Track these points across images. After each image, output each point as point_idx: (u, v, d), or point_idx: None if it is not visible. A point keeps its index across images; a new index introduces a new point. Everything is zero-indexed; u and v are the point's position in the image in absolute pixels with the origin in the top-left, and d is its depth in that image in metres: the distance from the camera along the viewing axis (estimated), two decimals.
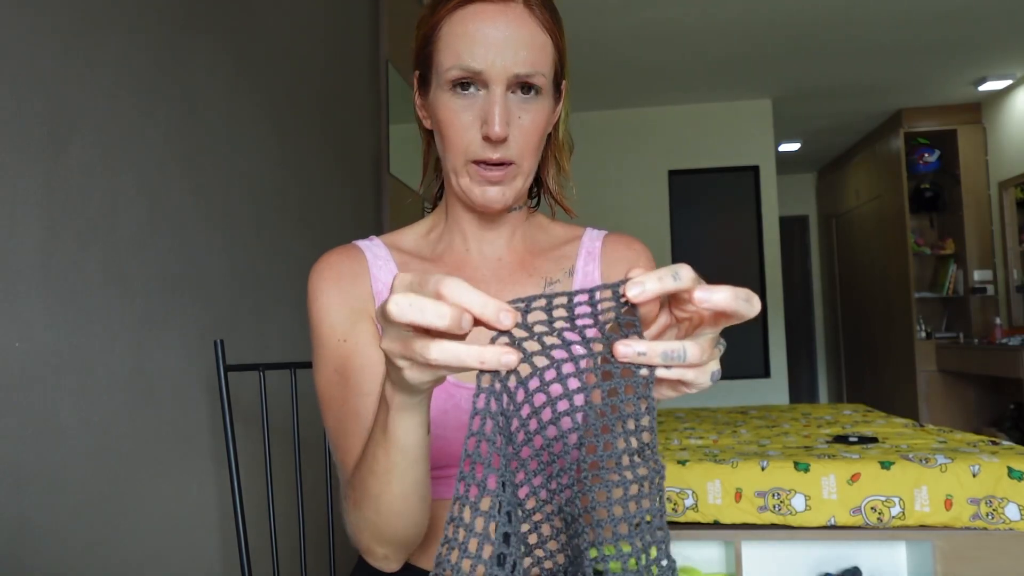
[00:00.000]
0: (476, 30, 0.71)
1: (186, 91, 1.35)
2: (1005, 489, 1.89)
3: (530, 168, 0.76)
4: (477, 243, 0.83)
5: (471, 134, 0.73)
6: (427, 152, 0.87)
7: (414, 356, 0.44)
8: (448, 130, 0.74)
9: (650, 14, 3.64)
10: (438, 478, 0.74)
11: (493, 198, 0.75)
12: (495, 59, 0.71)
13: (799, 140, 6.13)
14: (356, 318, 0.77)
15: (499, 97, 0.72)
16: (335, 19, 2.16)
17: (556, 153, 0.85)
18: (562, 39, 0.78)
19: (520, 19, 0.72)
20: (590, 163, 5.05)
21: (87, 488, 1.05)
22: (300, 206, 1.83)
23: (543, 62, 0.74)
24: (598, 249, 0.85)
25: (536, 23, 0.73)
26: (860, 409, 3.41)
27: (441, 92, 0.74)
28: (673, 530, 2.02)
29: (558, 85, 0.79)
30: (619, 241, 0.87)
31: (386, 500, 0.62)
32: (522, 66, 0.72)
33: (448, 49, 0.73)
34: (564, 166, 0.85)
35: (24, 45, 0.96)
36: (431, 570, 0.70)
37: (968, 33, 3.99)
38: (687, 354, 0.44)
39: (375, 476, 0.61)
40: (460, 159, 0.74)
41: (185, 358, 1.31)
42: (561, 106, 0.82)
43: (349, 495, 0.68)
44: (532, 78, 0.73)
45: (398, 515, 0.63)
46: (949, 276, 5.43)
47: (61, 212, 1.01)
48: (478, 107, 0.73)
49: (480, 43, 0.71)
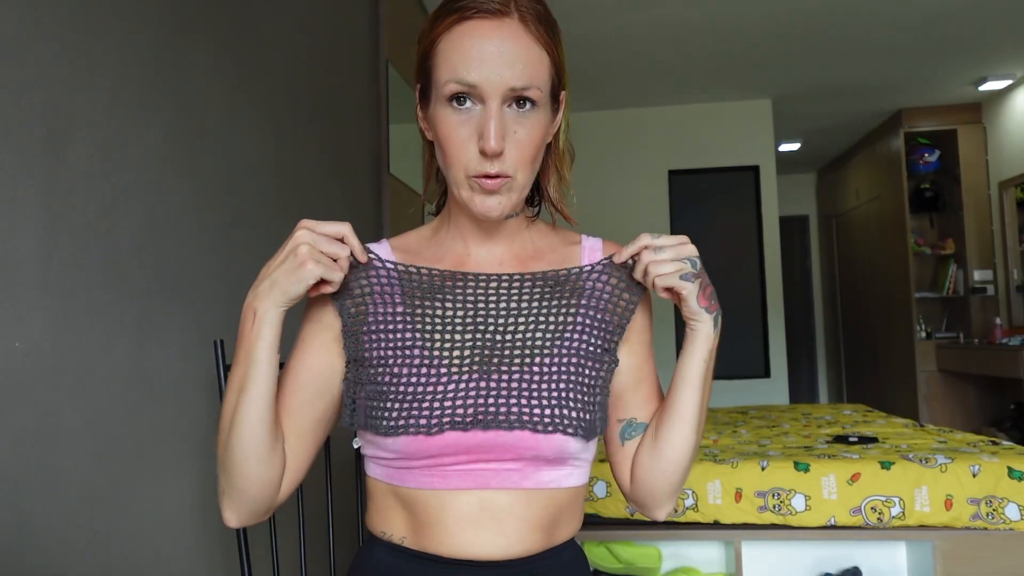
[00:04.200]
0: (472, 45, 0.74)
1: (186, 91, 1.35)
2: (1005, 489, 1.89)
3: (525, 180, 0.79)
4: (477, 248, 0.86)
5: (469, 148, 0.75)
6: (430, 163, 0.89)
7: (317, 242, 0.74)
8: (447, 145, 0.77)
9: (650, 14, 3.64)
10: (438, 467, 0.77)
11: (490, 207, 0.77)
12: (490, 74, 0.73)
13: (799, 140, 6.12)
14: (319, 328, 0.84)
15: (495, 112, 0.74)
16: (335, 19, 2.16)
17: (557, 162, 0.86)
18: (559, 51, 0.80)
19: (515, 34, 0.75)
20: (590, 163, 5.05)
21: (87, 488, 1.05)
22: (300, 206, 1.83)
23: (538, 76, 0.76)
24: (599, 257, 0.88)
25: (531, 38, 0.76)
26: (860, 409, 3.41)
27: (440, 106, 0.77)
28: (673, 530, 2.02)
29: (556, 97, 0.81)
30: (617, 249, 0.89)
31: (235, 439, 0.75)
32: (517, 80, 0.74)
33: (445, 64, 0.75)
34: (565, 175, 0.87)
35: (24, 45, 0.96)
36: (443, 555, 0.77)
37: (968, 33, 3.98)
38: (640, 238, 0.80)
39: (231, 424, 0.76)
40: (460, 173, 0.77)
41: (185, 358, 1.31)
42: (561, 116, 0.84)
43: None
44: (527, 91, 0.75)
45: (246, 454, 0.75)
46: (949, 276, 5.42)
47: (61, 212, 1.01)
48: (475, 122, 0.75)
49: (476, 58, 0.74)
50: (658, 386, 0.89)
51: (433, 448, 0.75)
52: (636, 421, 0.87)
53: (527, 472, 0.77)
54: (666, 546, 2.09)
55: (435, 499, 0.77)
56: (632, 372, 0.86)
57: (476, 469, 0.76)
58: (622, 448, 0.87)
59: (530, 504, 0.78)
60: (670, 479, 0.84)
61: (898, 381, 5.63)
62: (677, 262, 0.78)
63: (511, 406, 0.75)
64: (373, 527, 0.83)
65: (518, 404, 0.75)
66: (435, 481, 0.77)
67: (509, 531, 0.77)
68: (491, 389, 0.76)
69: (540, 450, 0.76)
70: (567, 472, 0.80)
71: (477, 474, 0.77)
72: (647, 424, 0.87)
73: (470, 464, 0.76)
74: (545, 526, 0.79)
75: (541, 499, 0.78)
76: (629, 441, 0.87)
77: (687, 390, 0.82)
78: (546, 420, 0.75)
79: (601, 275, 0.84)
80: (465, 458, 0.76)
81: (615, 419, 0.87)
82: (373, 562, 0.82)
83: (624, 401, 0.87)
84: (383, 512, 0.82)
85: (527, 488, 0.77)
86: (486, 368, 0.77)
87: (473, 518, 0.77)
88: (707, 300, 0.80)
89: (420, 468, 0.77)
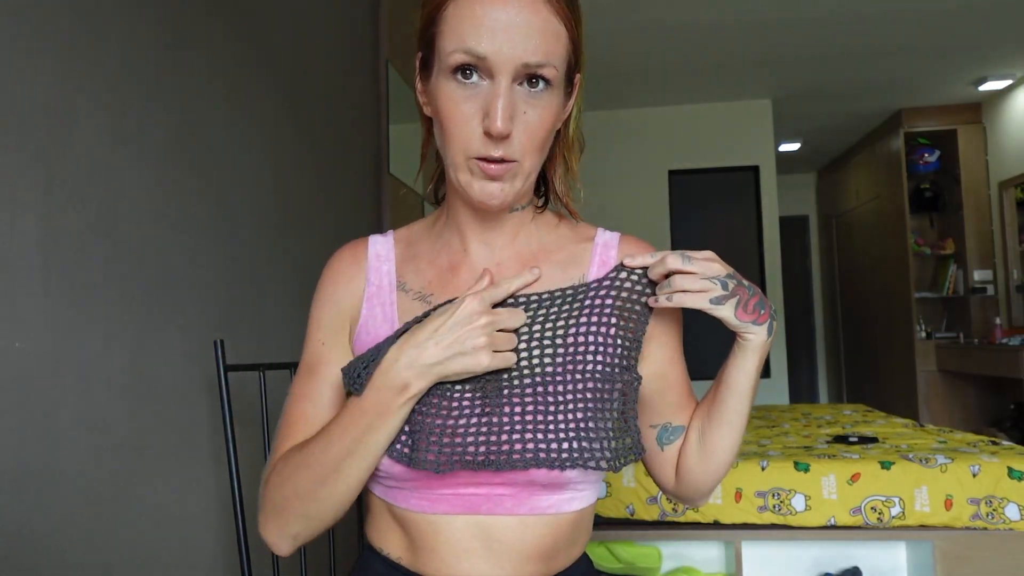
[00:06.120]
0: (484, 12, 0.66)
1: (186, 91, 1.35)
2: (1005, 489, 1.89)
3: (532, 167, 0.72)
4: (476, 244, 0.79)
5: (472, 127, 0.68)
6: (426, 141, 0.82)
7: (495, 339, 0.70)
8: (448, 122, 0.69)
9: (650, 14, 3.64)
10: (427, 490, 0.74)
11: (491, 193, 0.70)
12: (502, 45, 0.65)
13: (799, 140, 6.13)
14: (339, 325, 0.79)
15: (504, 89, 0.66)
16: (335, 19, 2.16)
17: (565, 151, 0.80)
18: (579, 29, 0.72)
19: (533, 5, 0.67)
20: (590, 163, 5.05)
21: (87, 488, 1.05)
22: (300, 206, 1.83)
23: (556, 52, 0.68)
24: (612, 259, 0.80)
25: (551, 10, 0.68)
26: (860, 409, 3.41)
27: (442, 78, 0.69)
28: (673, 530, 2.02)
29: (571, 79, 0.74)
30: (637, 248, 0.82)
31: (329, 490, 0.71)
32: (532, 55, 0.66)
33: (452, 31, 0.67)
34: (572, 166, 0.81)
35: (24, 44, 0.96)
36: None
37: (968, 33, 3.98)
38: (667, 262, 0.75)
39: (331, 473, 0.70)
40: (460, 154, 0.70)
41: (185, 358, 1.31)
42: (573, 101, 0.77)
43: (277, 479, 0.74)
44: (542, 69, 0.67)
45: (337, 506, 0.72)
46: (949, 276, 5.42)
47: (61, 212, 1.01)
48: (481, 98, 0.68)
49: (488, 27, 0.66)
50: (690, 387, 0.84)
51: (421, 472, 0.71)
52: (672, 425, 0.82)
53: (521, 498, 0.72)
54: (666, 546, 2.09)
55: (427, 523, 0.74)
56: (656, 379, 0.81)
57: (466, 494, 0.73)
58: (662, 453, 0.83)
59: (525, 531, 0.73)
60: (719, 474, 0.82)
61: (898, 381, 5.62)
62: (705, 281, 0.72)
63: (526, 442, 0.69)
64: (372, 541, 0.80)
65: (534, 440, 0.69)
66: (424, 504, 0.74)
67: (504, 561, 0.73)
68: (503, 425, 0.70)
69: (531, 475, 0.70)
70: (567, 496, 0.74)
71: (467, 499, 0.73)
72: (684, 427, 0.82)
73: (459, 488, 0.72)
74: (544, 555, 0.74)
75: (538, 525, 0.73)
76: (669, 446, 0.83)
77: (736, 398, 0.77)
78: (564, 456, 0.69)
79: (611, 289, 0.77)
80: (453, 481, 0.72)
81: (647, 425, 0.82)
82: (373, 574, 0.79)
83: (654, 406, 0.82)
84: (380, 528, 0.79)
85: (521, 514, 0.73)
86: (496, 402, 0.71)
87: (466, 546, 0.73)
88: (752, 313, 0.74)
89: (408, 488, 0.74)
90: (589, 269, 0.80)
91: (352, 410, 0.70)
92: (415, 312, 0.77)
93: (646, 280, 0.78)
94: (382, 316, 0.78)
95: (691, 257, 0.74)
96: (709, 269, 0.73)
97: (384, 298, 0.79)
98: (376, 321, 0.78)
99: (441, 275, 0.79)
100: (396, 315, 0.78)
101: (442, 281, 0.79)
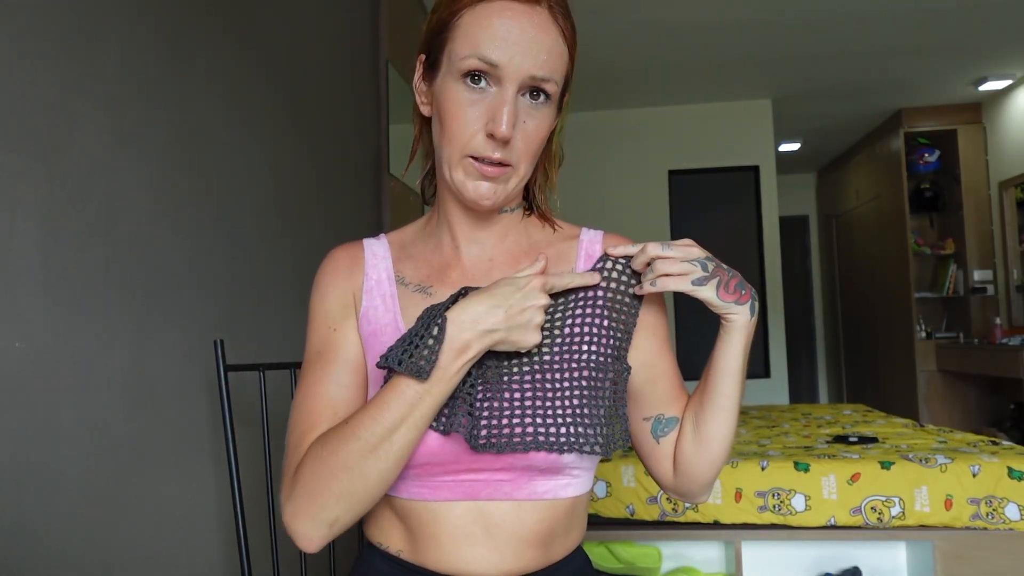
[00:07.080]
0: (500, 24, 0.72)
1: (186, 91, 1.35)
2: (1005, 489, 1.89)
3: (525, 172, 0.77)
4: (467, 244, 0.83)
5: (474, 129, 0.73)
6: (417, 138, 0.87)
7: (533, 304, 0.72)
8: (451, 121, 0.74)
9: (650, 14, 3.64)
10: (428, 477, 0.75)
11: (484, 193, 0.75)
12: (514, 56, 0.71)
13: (799, 140, 6.12)
14: (347, 312, 0.81)
15: (510, 97, 0.72)
16: (335, 20, 2.16)
17: (547, 163, 0.85)
18: (574, 53, 0.79)
19: (545, 24, 0.73)
20: (590, 163, 5.05)
21: (87, 488, 1.05)
22: (300, 206, 1.83)
23: (558, 70, 0.75)
24: (598, 253, 0.84)
25: (558, 31, 0.75)
26: (860, 409, 3.41)
27: (451, 81, 0.74)
28: (673, 530, 2.02)
29: (562, 96, 0.80)
30: (620, 243, 0.86)
31: (383, 464, 0.69)
32: (540, 69, 0.72)
33: (467, 38, 0.73)
34: (551, 176, 0.86)
35: (25, 45, 0.96)
36: (439, 571, 0.75)
37: (968, 33, 3.98)
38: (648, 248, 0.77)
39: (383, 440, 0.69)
40: (457, 152, 0.74)
41: (185, 358, 1.31)
42: (560, 118, 0.82)
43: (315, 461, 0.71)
44: (545, 83, 0.74)
45: (381, 483, 0.70)
46: (949, 276, 5.42)
47: (61, 212, 1.01)
48: (487, 104, 0.73)
49: (502, 38, 0.71)
50: (680, 380, 0.86)
51: (424, 456, 0.73)
52: (665, 416, 0.84)
53: (519, 483, 0.75)
54: (666, 546, 2.09)
55: (427, 511, 0.76)
56: (646, 368, 0.83)
57: (466, 480, 0.75)
58: (658, 446, 0.84)
59: (523, 516, 0.76)
60: (716, 465, 0.83)
61: (898, 381, 5.62)
62: (685, 263, 0.76)
63: (526, 426, 0.72)
64: (371, 537, 0.82)
65: (533, 424, 0.73)
66: (425, 492, 0.76)
67: (503, 546, 0.75)
68: (504, 409, 0.73)
69: (529, 460, 0.73)
70: (564, 482, 0.77)
71: (467, 485, 0.75)
72: (678, 419, 0.84)
73: (459, 474, 0.75)
74: (542, 540, 0.77)
75: (536, 511, 0.76)
76: (664, 438, 0.84)
77: (727, 381, 0.80)
78: (562, 440, 0.72)
79: (601, 282, 0.82)
80: (454, 467, 0.74)
81: (640, 418, 0.84)
82: (373, 571, 0.80)
83: (645, 398, 0.84)
84: (380, 522, 0.81)
85: (519, 499, 0.75)
86: (497, 387, 0.74)
87: (466, 532, 0.75)
88: (733, 293, 0.77)
89: (410, 477, 0.75)
90: (576, 264, 0.85)
91: (405, 377, 0.70)
92: (417, 303, 0.80)
93: (631, 271, 0.82)
94: (383, 307, 0.81)
95: (670, 244, 0.78)
96: (688, 253, 0.77)
97: (384, 290, 0.82)
98: (378, 312, 0.81)
99: (436, 271, 0.83)
100: (398, 306, 0.81)
101: (439, 276, 0.82)
